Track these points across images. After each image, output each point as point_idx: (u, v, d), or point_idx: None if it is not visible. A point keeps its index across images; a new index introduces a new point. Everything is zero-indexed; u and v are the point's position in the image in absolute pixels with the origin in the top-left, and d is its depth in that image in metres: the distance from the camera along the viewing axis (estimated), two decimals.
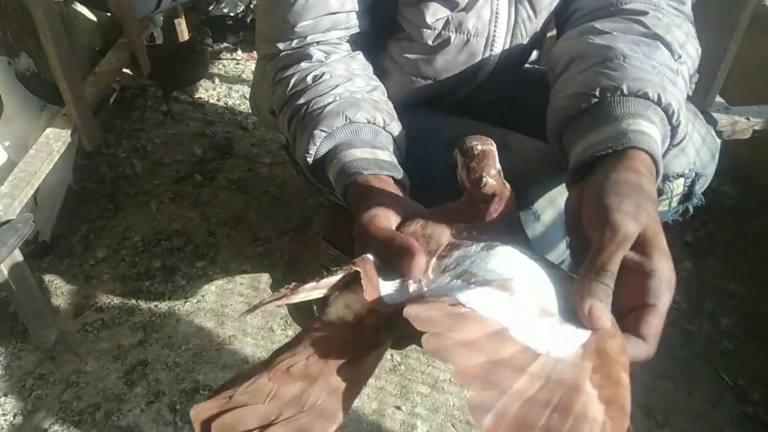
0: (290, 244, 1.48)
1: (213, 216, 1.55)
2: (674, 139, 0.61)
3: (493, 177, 0.51)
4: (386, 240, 0.48)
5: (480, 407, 0.33)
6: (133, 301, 1.34)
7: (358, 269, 0.44)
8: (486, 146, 0.51)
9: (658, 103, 0.57)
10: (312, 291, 0.45)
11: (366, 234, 0.51)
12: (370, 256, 0.48)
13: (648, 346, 0.41)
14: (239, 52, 2.22)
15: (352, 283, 0.47)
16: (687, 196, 0.77)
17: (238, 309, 1.32)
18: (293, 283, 0.45)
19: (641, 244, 0.44)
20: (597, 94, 0.59)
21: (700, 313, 1.29)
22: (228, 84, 2.06)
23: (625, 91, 0.57)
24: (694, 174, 0.76)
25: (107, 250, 1.46)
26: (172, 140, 1.81)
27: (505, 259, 0.45)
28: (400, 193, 0.61)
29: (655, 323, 0.41)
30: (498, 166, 0.52)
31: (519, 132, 0.83)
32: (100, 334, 1.27)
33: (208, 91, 2.02)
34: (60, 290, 1.37)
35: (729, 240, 1.46)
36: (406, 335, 0.43)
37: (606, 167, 0.51)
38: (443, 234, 0.50)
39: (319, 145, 0.69)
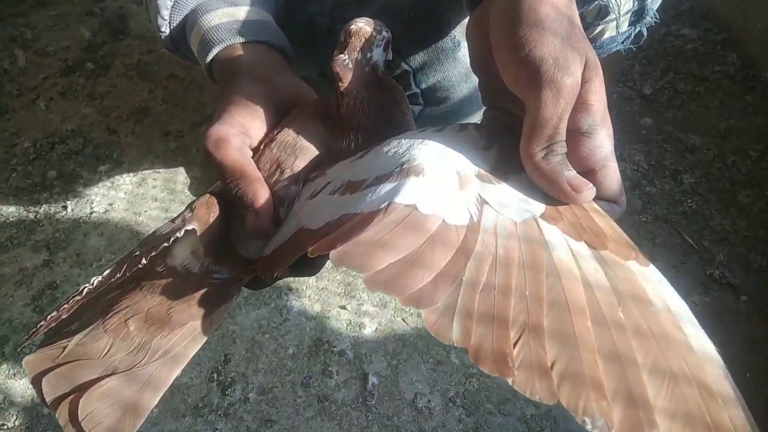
0: None
1: (113, 110, 1.34)
2: None
3: (351, 59, 0.43)
4: (231, 171, 0.42)
5: (439, 320, 0.28)
6: (32, 217, 1.16)
7: (191, 225, 0.39)
8: (360, 26, 0.44)
9: None
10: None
11: (211, 159, 0.42)
12: (205, 198, 0.43)
13: (618, 205, 0.37)
14: None
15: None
16: (638, 13, 0.61)
17: (153, 216, 1.16)
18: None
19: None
20: None
21: (661, 172, 1.20)
22: None
23: None
24: None
25: None
26: (56, 23, 1.53)
27: (395, 149, 0.38)
28: (277, 66, 0.50)
29: (615, 180, 0.36)
30: (375, 54, 0.44)
31: None
32: None
33: None
34: None
35: (689, 89, 1.34)
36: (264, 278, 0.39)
37: None
38: (308, 150, 0.43)
39: (169, 18, 0.51)
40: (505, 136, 0.38)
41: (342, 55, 0.43)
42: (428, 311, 0.28)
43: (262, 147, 0.45)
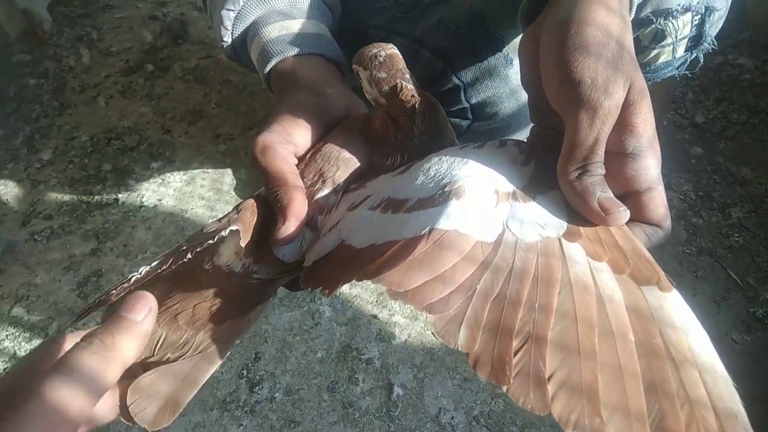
0: None
1: (168, 111, 1.39)
2: None
3: (408, 81, 0.44)
4: (273, 178, 0.43)
5: (447, 326, 0.29)
6: (84, 207, 1.21)
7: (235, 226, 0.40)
8: (390, 50, 0.45)
9: None
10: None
11: (257, 165, 0.44)
12: (251, 201, 0.44)
13: (662, 229, 0.36)
14: None
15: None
16: (696, 39, 0.61)
17: (198, 213, 1.19)
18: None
19: (620, 114, 0.35)
20: None
21: (709, 204, 1.16)
22: None
23: None
24: (703, 7, 0.58)
25: (53, 152, 1.32)
26: (120, 25, 1.61)
27: (436, 167, 0.38)
28: (331, 77, 0.52)
29: (661, 204, 0.36)
30: (408, 72, 0.45)
31: None
32: (50, 244, 1.16)
33: None
34: (5, 197, 1.24)
35: (743, 120, 1.30)
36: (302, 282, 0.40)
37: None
38: (351, 162, 0.45)
39: (231, 28, 0.54)
40: (545, 153, 0.38)
41: (403, 83, 0.44)
42: (438, 317, 0.29)
43: (307, 157, 0.46)
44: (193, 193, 1.23)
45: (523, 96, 0.67)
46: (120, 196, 1.23)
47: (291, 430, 0.90)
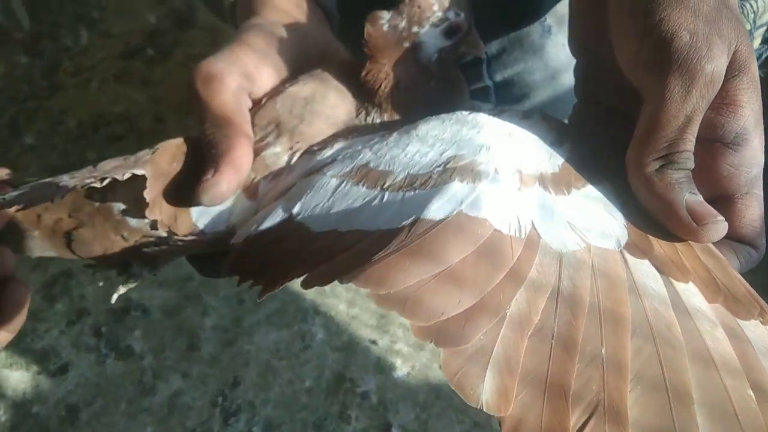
0: None
1: (164, 98, 1.28)
2: None
3: (391, 22, 0.35)
4: (212, 116, 0.33)
5: (465, 367, 0.20)
6: None
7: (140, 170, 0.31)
8: None
9: None
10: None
11: (195, 99, 0.34)
12: (177, 141, 0.34)
13: (756, 248, 0.28)
14: None
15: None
16: None
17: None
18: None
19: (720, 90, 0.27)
20: None
21: None
22: None
23: None
24: None
25: (37, 136, 1.22)
26: (123, 6, 1.51)
27: (435, 133, 0.30)
28: (312, 16, 0.42)
29: (757, 214, 0.28)
30: (426, 33, 0.35)
31: None
32: None
33: None
34: None
35: None
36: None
37: None
38: (320, 116, 0.35)
39: None
40: (587, 132, 0.31)
41: (383, 12, 0.35)
42: (451, 352, 0.21)
43: (264, 100, 0.36)
44: None
45: (565, 79, 0.55)
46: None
47: None
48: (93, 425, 0.85)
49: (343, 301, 0.94)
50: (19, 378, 0.90)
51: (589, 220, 0.26)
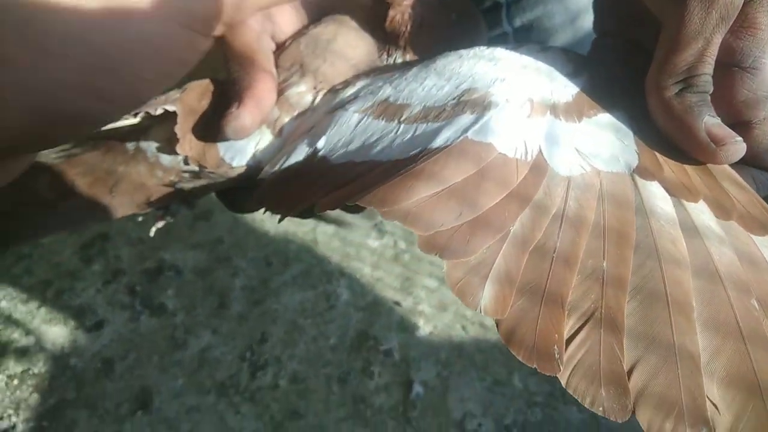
0: None
1: None
2: None
3: None
4: (237, 56, 0.33)
5: (466, 277, 0.21)
6: None
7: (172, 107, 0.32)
8: None
9: None
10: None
11: (220, 42, 0.33)
12: (205, 82, 0.34)
13: None
14: None
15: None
16: None
17: None
18: None
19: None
20: None
21: None
22: None
23: None
24: None
25: None
26: None
27: (452, 66, 0.30)
28: None
29: None
30: None
31: None
32: None
33: None
34: None
35: None
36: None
37: None
38: (342, 56, 0.35)
39: None
40: (605, 63, 0.31)
41: None
42: (454, 264, 0.22)
43: (288, 42, 0.37)
44: None
45: (585, 21, 0.54)
46: None
47: (293, 422, 0.79)
48: (127, 377, 0.88)
49: (367, 264, 0.95)
50: (58, 333, 0.93)
51: (598, 147, 0.26)
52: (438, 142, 0.25)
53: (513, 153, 0.25)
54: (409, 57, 0.36)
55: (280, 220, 0.30)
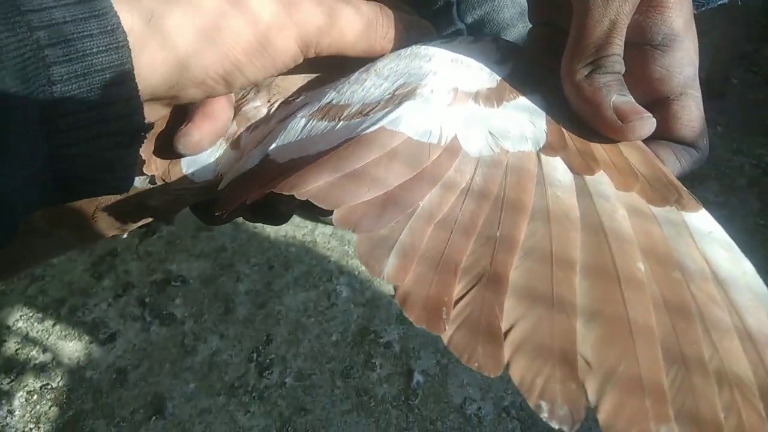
0: None
1: None
2: None
3: None
4: None
5: (373, 250, 0.23)
6: None
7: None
8: None
9: None
10: None
11: None
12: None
13: (698, 150, 0.28)
14: None
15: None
16: None
17: None
18: None
19: None
20: None
21: None
22: None
23: None
24: None
25: None
26: None
27: (390, 66, 0.32)
28: None
29: (697, 115, 0.28)
30: None
31: None
32: None
33: None
34: None
35: None
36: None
37: None
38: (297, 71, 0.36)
39: None
40: (529, 51, 0.33)
41: None
42: (363, 237, 0.23)
43: None
44: None
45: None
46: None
47: (301, 418, 0.82)
48: (141, 385, 0.92)
49: None
50: (73, 347, 0.97)
51: (510, 129, 0.27)
52: (358, 132, 0.27)
53: (427, 138, 0.27)
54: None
55: (219, 221, 0.31)
